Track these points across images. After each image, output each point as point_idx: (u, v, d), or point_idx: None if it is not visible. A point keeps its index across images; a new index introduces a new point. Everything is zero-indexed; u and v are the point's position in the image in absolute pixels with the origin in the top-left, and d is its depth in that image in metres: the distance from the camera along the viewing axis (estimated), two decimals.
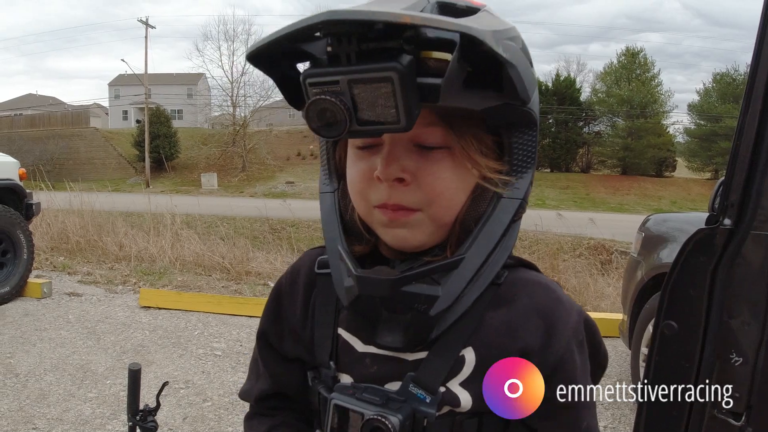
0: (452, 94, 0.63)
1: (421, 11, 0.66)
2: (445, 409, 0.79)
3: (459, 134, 0.73)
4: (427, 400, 0.77)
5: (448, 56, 0.62)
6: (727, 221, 1.02)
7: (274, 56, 0.69)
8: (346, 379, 0.83)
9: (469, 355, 0.79)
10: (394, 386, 0.79)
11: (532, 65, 0.74)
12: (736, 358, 1.16)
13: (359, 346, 0.83)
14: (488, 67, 0.64)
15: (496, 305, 0.80)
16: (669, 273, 1.03)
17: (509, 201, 0.77)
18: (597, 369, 0.86)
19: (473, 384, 0.78)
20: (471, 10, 0.71)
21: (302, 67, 0.69)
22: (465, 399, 0.79)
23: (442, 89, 0.61)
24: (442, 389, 0.78)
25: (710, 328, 1.13)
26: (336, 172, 0.84)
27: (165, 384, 1.81)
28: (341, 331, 0.84)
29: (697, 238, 1.00)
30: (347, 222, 0.81)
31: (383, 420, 0.74)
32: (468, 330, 0.78)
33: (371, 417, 0.75)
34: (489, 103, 0.69)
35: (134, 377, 1.85)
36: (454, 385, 0.79)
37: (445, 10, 0.70)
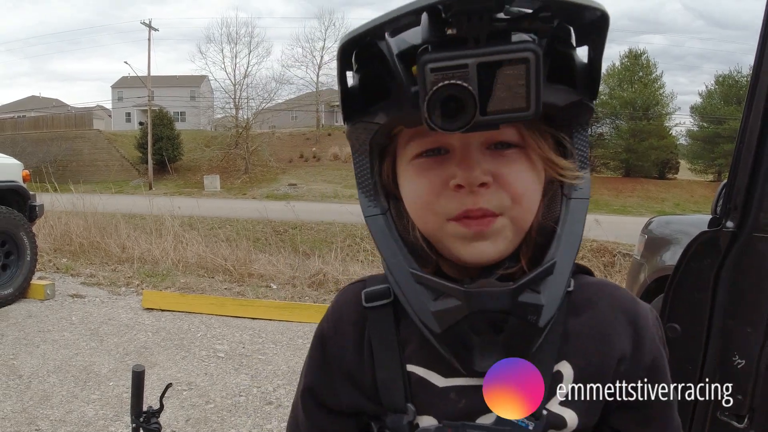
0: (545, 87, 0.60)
1: None
2: None
3: (532, 133, 0.69)
4: (530, 427, 0.69)
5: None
6: (730, 224, 1.02)
7: (365, 47, 0.64)
8: (427, 421, 0.74)
9: (566, 369, 0.73)
10: (486, 419, 0.72)
11: None
12: (739, 361, 1.16)
13: (440, 381, 0.74)
14: (566, 63, 0.64)
15: (576, 312, 0.75)
16: (672, 275, 1.02)
17: (580, 201, 0.72)
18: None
19: (575, 399, 0.72)
20: None
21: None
22: (571, 418, 0.72)
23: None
24: (544, 412, 0.70)
25: (713, 331, 1.13)
26: (384, 190, 0.76)
27: (168, 386, 1.81)
28: (412, 368, 0.76)
29: (700, 241, 1.00)
30: (409, 243, 0.73)
31: None
32: (555, 342, 0.72)
33: None
34: (569, 99, 0.67)
35: (138, 379, 1.86)
36: (555, 405, 0.72)
37: None
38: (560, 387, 0.72)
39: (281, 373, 4.29)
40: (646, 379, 0.73)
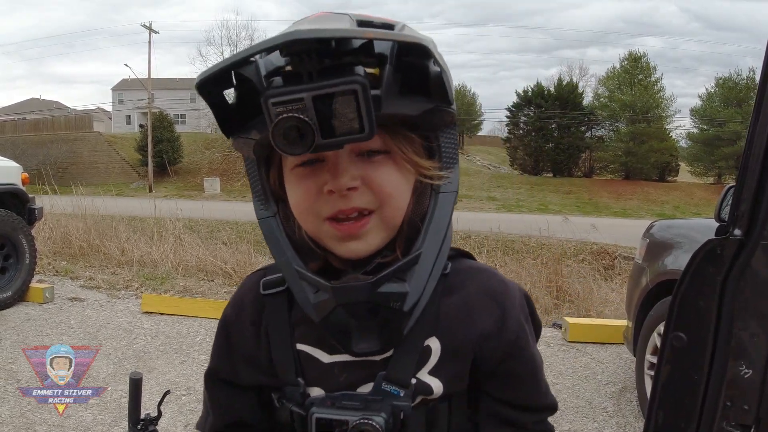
0: (392, 102, 0.70)
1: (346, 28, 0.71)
2: (419, 398, 0.84)
3: (395, 139, 0.77)
4: (401, 394, 0.81)
5: (375, 70, 0.70)
6: (737, 232, 1.00)
7: (215, 82, 0.71)
8: (316, 392, 0.86)
9: (434, 344, 0.84)
10: (365, 389, 0.84)
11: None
12: (746, 370, 1.14)
13: (325, 358, 0.85)
14: (416, 76, 0.71)
15: (449, 293, 0.86)
16: (678, 284, 1.00)
17: (447, 195, 0.82)
18: (537, 334, 0.93)
19: (442, 370, 0.84)
20: (388, 26, 0.76)
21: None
22: (436, 386, 0.84)
23: (383, 99, 0.68)
24: (413, 381, 0.83)
25: (720, 340, 1.11)
26: (273, 195, 0.84)
27: (167, 393, 1.79)
28: (302, 347, 0.87)
29: (706, 249, 0.98)
30: (296, 242, 0.82)
31: (369, 422, 0.78)
32: (429, 321, 0.83)
33: (357, 422, 0.78)
34: (423, 108, 0.75)
35: (135, 386, 1.83)
36: (424, 375, 0.84)
37: (365, 26, 0.74)
38: (429, 360, 0.84)
39: None
40: (510, 352, 0.86)
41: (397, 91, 0.70)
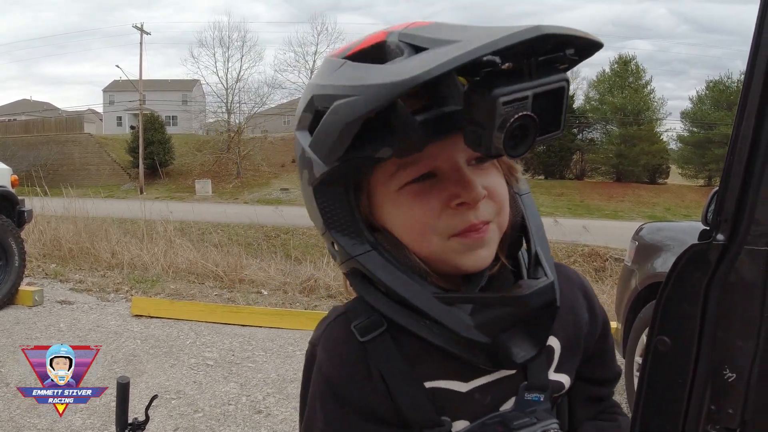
0: None
1: None
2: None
3: None
4: (541, 399, 0.81)
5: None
6: (720, 236, 1.00)
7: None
8: (460, 425, 0.79)
9: (554, 342, 0.85)
10: (507, 406, 0.81)
11: None
12: (730, 374, 1.15)
13: (462, 387, 0.79)
14: None
15: None
16: (662, 288, 1.00)
17: (528, 195, 0.84)
18: None
19: (565, 365, 0.86)
20: None
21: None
22: (566, 380, 0.86)
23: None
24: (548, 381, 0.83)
25: (704, 344, 1.11)
26: (367, 224, 0.77)
27: (154, 397, 1.79)
28: (432, 384, 0.78)
29: (690, 253, 0.98)
30: (413, 269, 0.76)
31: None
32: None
33: None
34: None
35: (123, 391, 1.83)
36: (552, 374, 0.84)
37: None
38: (554, 358, 0.85)
39: (271, 381, 4.26)
40: (602, 333, 0.93)
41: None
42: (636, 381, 3.60)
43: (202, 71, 58.94)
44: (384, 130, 0.65)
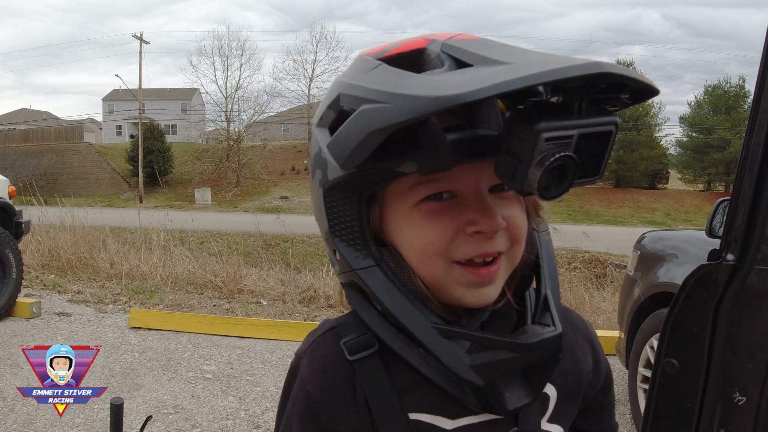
0: None
1: None
2: None
3: None
4: None
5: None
6: (730, 257, 0.98)
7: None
8: None
9: (550, 390, 0.80)
10: None
11: None
12: (740, 398, 1.11)
13: (448, 424, 0.75)
14: None
15: None
16: (670, 309, 0.98)
17: (547, 233, 0.80)
18: None
19: (560, 415, 0.81)
20: None
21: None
22: (558, 430, 0.81)
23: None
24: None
25: (713, 367, 1.08)
26: (374, 239, 0.73)
27: (149, 418, 1.75)
28: (416, 416, 0.74)
29: (699, 274, 0.95)
30: (414, 292, 0.72)
31: None
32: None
33: None
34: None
35: (116, 412, 1.80)
36: (545, 423, 0.79)
37: None
38: (548, 407, 0.80)
39: (270, 395, 4.21)
40: (605, 385, 0.88)
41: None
42: (640, 393, 3.57)
43: (201, 80, 59.15)
44: (411, 144, 0.61)
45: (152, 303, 6.78)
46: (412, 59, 0.66)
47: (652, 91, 0.63)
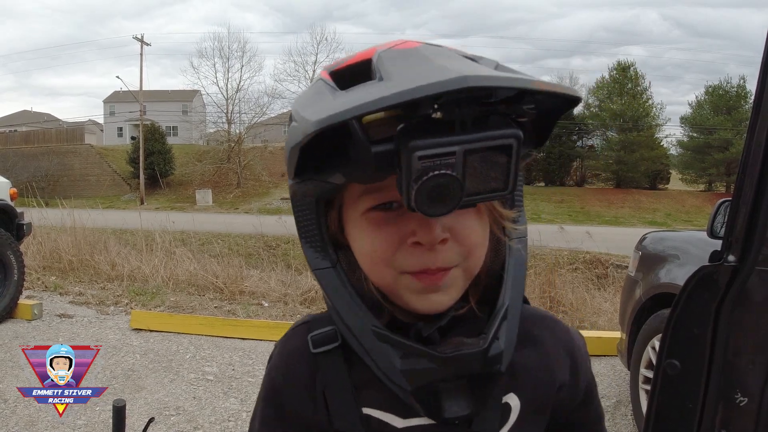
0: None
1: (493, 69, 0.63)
2: None
3: None
4: None
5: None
6: (731, 258, 0.98)
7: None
8: None
9: (513, 401, 0.78)
10: None
11: None
12: (741, 398, 1.12)
13: (398, 423, 0.76)
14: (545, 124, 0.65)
15: (523, 345, 0.78)
16: (671, 311, 0.98)
17: (522, 240, 0.77)
18: None
19: (522, 428, 0.79)
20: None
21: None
22: None
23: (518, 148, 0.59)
24: None
25: (714, 368, 1.08)
26: (332, 242, 0.75)
27: (151, 420, 1.75)
28: (369, 411, 0.77)
29: (700, 275, 0.95)
30: (362, 295, 0.73)
31: None
32: (505, 375, 0.74)
33: None
34: (529, 149, 0.68)
35: (119, 414, 1.80)
36: None
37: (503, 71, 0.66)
38: (509, 418, 0.78)
39: None
40: (583, 400, 0.85)
41: (529, 142, 0.64)
42: (641, 394, 3.57)
43: (201, 81, 59.18)
44: (341, 156, 0.63)
45: (153, 305, 6.79)
46: (362, 70, 0.66)
47: (569, 98, 0.62)
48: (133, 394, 4.14)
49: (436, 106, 0.57)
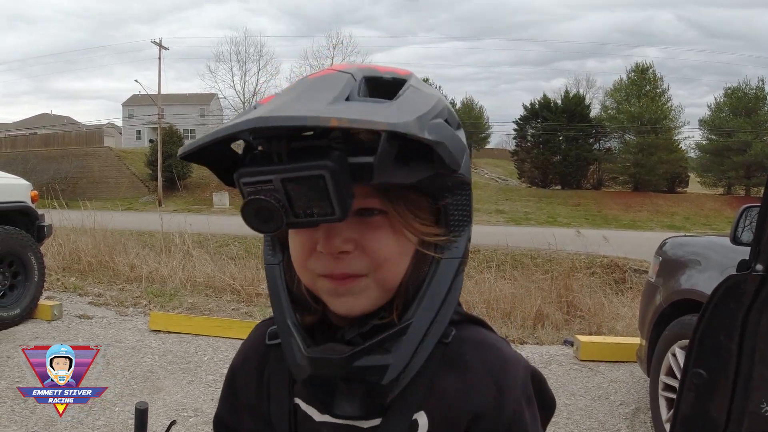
0: (385, 171, 0.65)
1: (349, 93, 0.68)
2: None
3: (395, 202, 0.73)
4: None
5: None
6: (759, 267, 0.96)
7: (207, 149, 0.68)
8: None
9: (422, 419, 0.79)
10: None
11: (460, 127, 0.77)
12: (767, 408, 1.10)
13: (316, 416, 0.82)
14: (413, 144, 0.65)
15: (447, 366, 0.80)
16: (698, 320, 0.96)
17: (449, 261, 0.77)
18: (545, 416, 0.87)
19: None
20: (397, 82, 0.73)
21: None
22: None
23: (375, 169, 0.64)
24: None
25: (740, 377, 1.07)
26: (279, 242, 0.82)
27: (173, 423, 1.76)
28: (298, 401, 0.84)
29: (727, 285, 0.94)
30: (295, 294, 0.80)
31: None
32: (420, 393, 0.78)
33: None
34: (421, 176, 0.70)
35: (141, 417, 1.81)
36: None
37: (373, 84, 0.72)
38: None
39: None
40: None
41: (392, 158, 0.66)
42: (662, 400, 3.53)
43: (219, 85, 59.66)
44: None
45: (172, 306, 6.84)
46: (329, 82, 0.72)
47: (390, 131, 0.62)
48: (152, 395, 4.17)
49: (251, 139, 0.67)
